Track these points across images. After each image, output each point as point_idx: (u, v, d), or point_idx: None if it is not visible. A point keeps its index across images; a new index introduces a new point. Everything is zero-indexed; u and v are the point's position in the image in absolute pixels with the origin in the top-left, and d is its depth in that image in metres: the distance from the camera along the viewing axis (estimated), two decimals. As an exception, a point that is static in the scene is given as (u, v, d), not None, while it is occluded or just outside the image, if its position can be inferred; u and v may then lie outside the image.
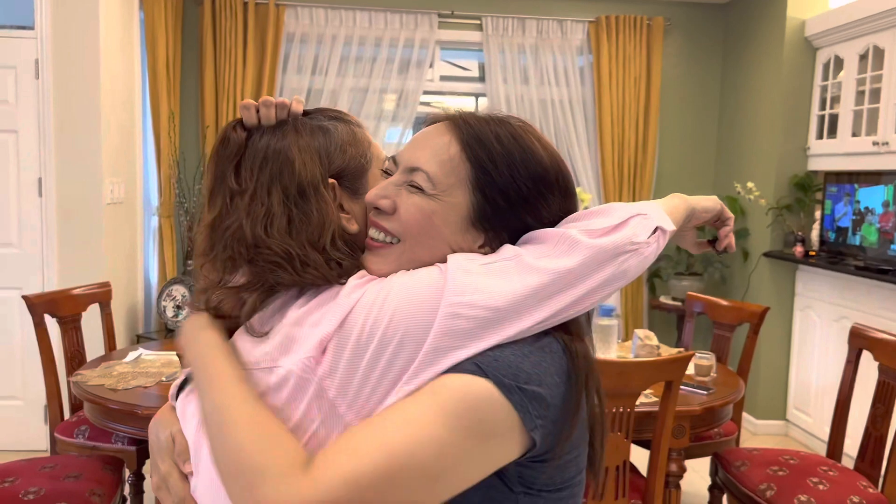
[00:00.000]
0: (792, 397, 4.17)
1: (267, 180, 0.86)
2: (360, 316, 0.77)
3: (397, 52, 4.48)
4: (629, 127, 4.59)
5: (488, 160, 0.87)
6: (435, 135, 0.89)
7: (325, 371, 0.77)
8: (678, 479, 2.34)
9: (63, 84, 3.50)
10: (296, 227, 0.85)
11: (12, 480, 2.17)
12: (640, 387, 2.12)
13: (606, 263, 0.82)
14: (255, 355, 0.82)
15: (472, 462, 0.76)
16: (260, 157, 0.87)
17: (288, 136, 0.89)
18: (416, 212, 0.86)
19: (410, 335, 0.76)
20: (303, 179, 0.86)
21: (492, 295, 0.77)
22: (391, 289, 0.79)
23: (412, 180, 0.87)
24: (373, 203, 0.90)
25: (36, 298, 2.73)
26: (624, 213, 0.87)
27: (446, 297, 0.76)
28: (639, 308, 4.73)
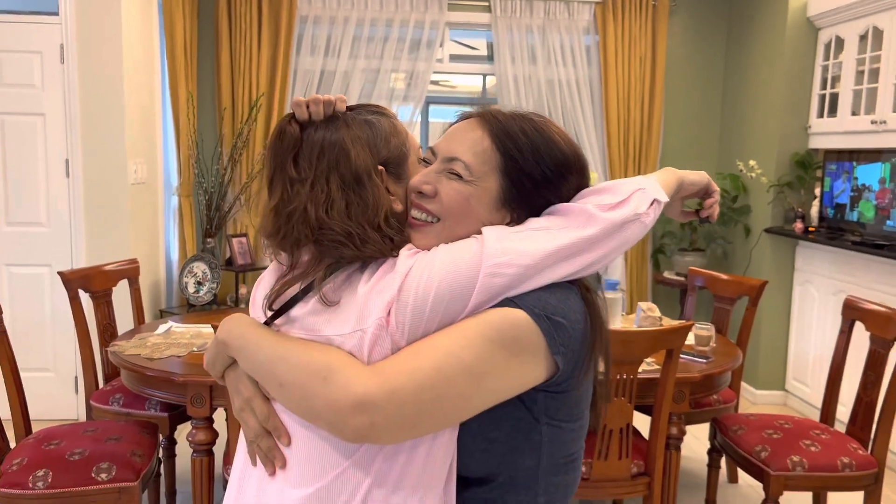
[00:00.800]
0: (791, 368, 4.31)
1: (325, 169, 0.98)
2: (413, 281, 0.93)
3: (408, 34, 4.58)
4: (635, 106, 4.69)
5: (516, 150, 1.03)
6: (468, 129, 1.05)
7: (393, 328, 0.92)
8: (678, 442, 2.49)
9: (87, 68, 3.63)
10: (354, 209, 0.97)
11: (58, 443, 2.34)
12: (643, 354, 2.27)
13: (616, 233, 1.00)
14: (335, 324, 0.95)
15: (507, 372, 0.93)
16: (317, 149, 0.99)
17: (340, 129, 1.01)
18: (455, 195, 1.02)
19: (458, 294, 0.92)
20: (358, 167, 0.99)
21: (523, 254, 0.94)
22: (436, 257, 0.95)
23: (451, 168, 1.03)
24: (417, 188, 1.04)
25: (70, 274, 2.89)
26: (627, 188, 1.05)
27: (485, 261, 0.93)
28: (643, 283, 4.87)
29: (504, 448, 0.99)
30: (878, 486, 2.50)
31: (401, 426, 0.89)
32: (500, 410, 0.97)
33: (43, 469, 2.20)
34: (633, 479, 2.39)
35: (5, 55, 3.60)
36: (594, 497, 2.41)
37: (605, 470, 2.34)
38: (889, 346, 2.52)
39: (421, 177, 1.05)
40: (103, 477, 2.22)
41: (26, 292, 3.75)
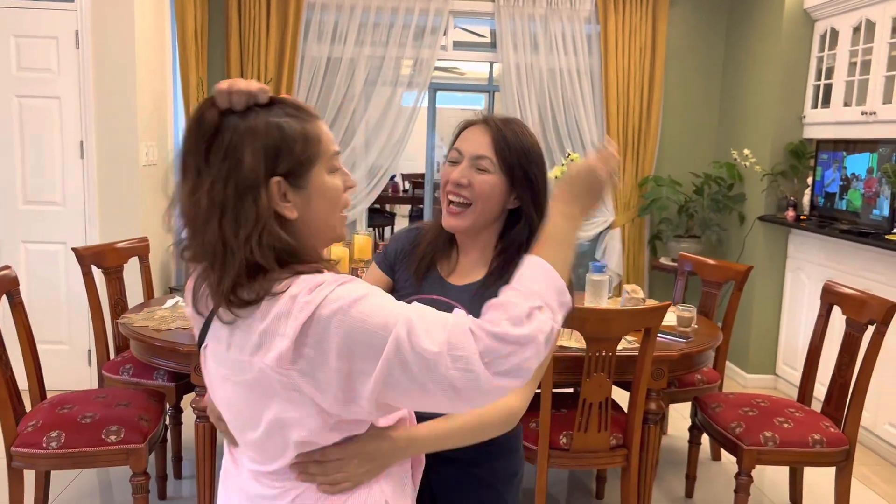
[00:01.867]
0: (781, 353, 4.42)
1: (226, 172, 0.97)
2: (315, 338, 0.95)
3: (412, 21, 4.68)
4: (634, 95, 4.78)
5: (509, 153, 1.40)
6: (480, 134, 1.42)
7: (296, 378, 0.96)
8: (657, 417, 2.61)
9: (101, 54, 3.77)
10: (228, 221, 0.97)
11: (70, 407, 2.49)
12: (621, 332, 2.39)
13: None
14: (235, 349, 1.01)
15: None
16: (223, 148, 0.98)
17: (246, 133, 0.99)
18: (485, 184, 1.39)
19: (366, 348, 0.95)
20: (247, 178, 0.98)
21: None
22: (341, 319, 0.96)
23: (479, 165, 1.39)
24: (456, 181, 1.39)
25: (84, 251, 3.04)
26: (522, 310, 0.98)
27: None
28: (640, 268, 4.98)
29: None
30: (849, 462, 2.61)
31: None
32: None
33: (56, 431, 2.36)
34: (611, 451, 2.52)
35: (23, 41, 3.75)
36: (574, 467, 2.55)
37: (585, 442, 2.47)
38: (863, 329, 2.63)
39: (458, 172, 1.40)
40: (112, 439, 2.37)
41: (42, 268, 3.92)
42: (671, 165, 4.93)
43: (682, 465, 3.27)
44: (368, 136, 4.84)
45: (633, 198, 4.88)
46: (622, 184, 4.84)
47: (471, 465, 1.37)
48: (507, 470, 1.44)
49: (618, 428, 2.55)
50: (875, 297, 2.60)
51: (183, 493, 3.02)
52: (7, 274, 2.52)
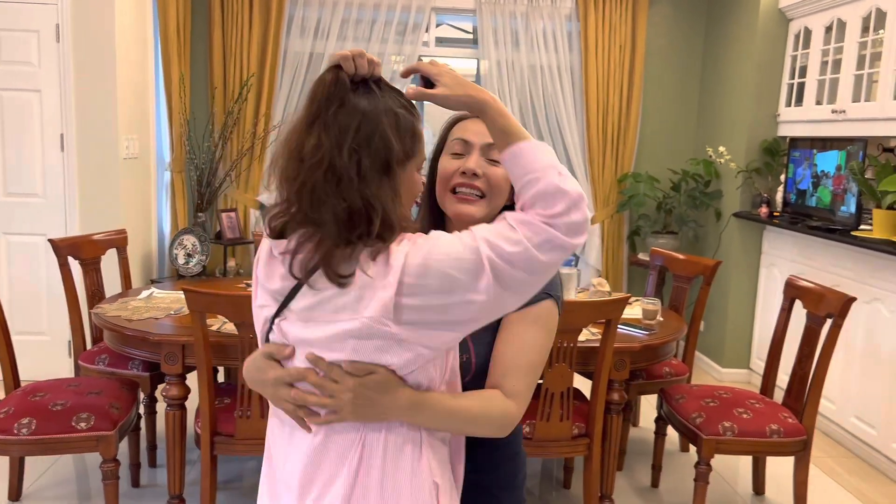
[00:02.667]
0: (755, 347, 4.48)
1: (362, 141, 1.02)
2: (414, 268, 1.02)
3: (395, 17, 4.73)
4: (614, 93, 4.83)
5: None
6: (482, 125, 1.33)
7: (398, 328, 1.02)
8: (619, 407, 2.67)
9: (82, 47, 3.81)
10: (384, 191, 1.03)
11: (42, 395, 2.54)
12: (582, 323, 2.45)
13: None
14: (330, 310, 1.04)
15: (550, 347, 1.31)
16: (358, 117, 1.02)
17: (381, 114, 1.04)
18: (499, 177, 1.35)
19: (465, 271, 1.02)
20: (391, 153, 1.04)
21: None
22: (434, 244, 1.05)
23: (491, 156, 1.35)
24: (472, 170, 1.34)
25: (60, 242, 3.08)
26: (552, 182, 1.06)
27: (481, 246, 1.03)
28: (619, 264, 5.03)
29: None
30: (807, 452, 2.67)
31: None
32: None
33: (28, 417, 2.40)
34: (573, 440, 2.57)
35: (4, 34, 3.78)
36: (537, 455, 2.60)
37: (547, 430, 2.52)
38: (821, 322, 2.68)
39: (473, 164, 1.34)
40: (82, 426, 2.42)
41: (23, 260, 3.96)
42: (650, 162, 4.98)
43: (650, 455, 3.32)
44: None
45: (612, 194, 4.93)
46: (601, 180, 4.90)
47: (472, 471, 1.35)
48: (507, 474, 1.45)
49: (580, 417, 2.60)
50: (833, 290, 2.66)
51: (157, 481, 3.06)
52: (-19, 264, 2.55)
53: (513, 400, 1.22)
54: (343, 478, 1.08)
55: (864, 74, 3.61)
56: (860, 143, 3.53)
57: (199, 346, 2.35)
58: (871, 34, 3.56)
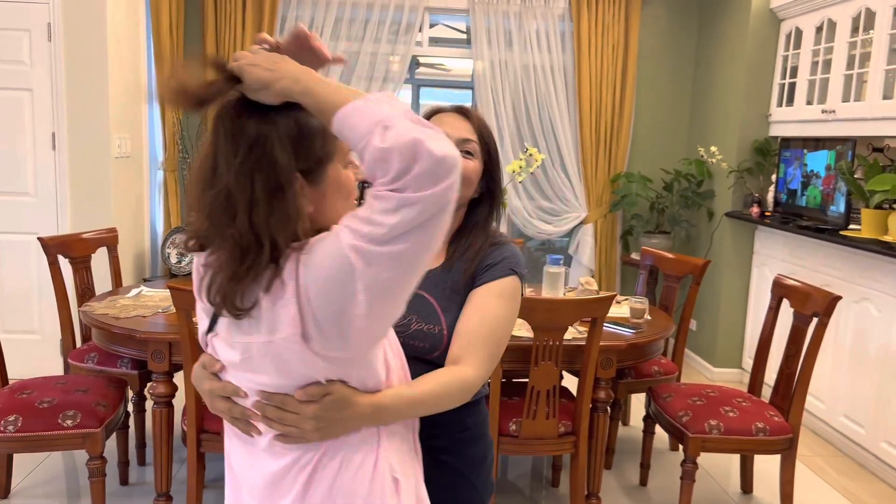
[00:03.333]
0: (748, 347, 4.49)
1: (252, 164, 0.99)
2: (304, 289, 0.99)
3: (388, 17, 4.73)
4: (607, 92, 4.84)
5: (489, 139, 1.46)
6: (461, 120, 1.44)
7: (309, 338, 0.99)
8: (606, 405, 2.68)
9: (73, 46, 3.81)
10: (275, 217, 0.98)
11: (29, 392, 2.54)
12: (567, 321, 2.45)
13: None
14: (245, 332, 1.04)
15: (515, 319, 1.40)
16: (250, 139, 0.99)
17: (270, 126, 1.00)
18: (472, 170, 1.41)
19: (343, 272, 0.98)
20: (281, 174, 0.99)
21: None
22: (315, 256, 1.00)
23: (466, 148, 1.40)
24: None
25: (50, 240, 3.08)
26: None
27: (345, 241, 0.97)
28: (612, 263, 5.04)
29: None
30: (793, 450, 2.68)
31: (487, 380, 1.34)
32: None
33: (14, 415, 2.41)
34: (560, 438, 2.58)
35: (-4, 32, 3.79)
36: (523, 453, 2.61)
37: (534, 428, 2.53)
38: (808, 321, 2.69)
39: None
40: (69, 423, 2.42)
41: (14, 259, 3.96)
42: (643, 162, 4.99)
43: (640, 454, 3.32)
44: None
45: (605, 194, 4.94)
46: (594, 180, 4.91)
47: (441, 452, 1.39)
48: (475, 456, 1.47)
49: (567, 416, 2.61)
50: (818, 289, 2.67)
51: (146, 478, 3.07)
52: (-32, 261, 2.56)
53: (471, 368, 1.26)
54: (299, 486, 1.08)
55: (853, 74, 3.61)
56: (850, 143, 3.53)
57: (185, 344, 2.35)
58: (860, 34, 3.57)
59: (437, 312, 1.35)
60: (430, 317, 1.35)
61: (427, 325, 1.35)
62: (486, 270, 1.37)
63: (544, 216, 5.01)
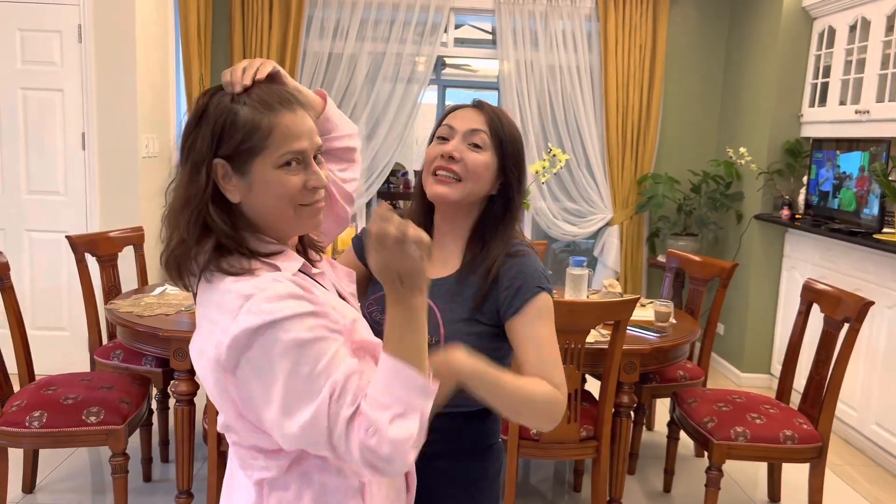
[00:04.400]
0: (777, 352, 4.40)
1: (186, 154, 1.07)
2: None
3: (413, 17, 4.73)
4: (633, 93, 4.78)
5: (504, 133, 1.39)
6: (474, 114, 1.39)
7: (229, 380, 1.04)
8: (629, 410, 2.63)
9: (103, 47, 3.86)
10: (179, 202, 1.06)
11: (55, 389, 2.58)
12: (590, 324, 2.42)
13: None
14: (195, 339, 1.09)
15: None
16: (193, 138, 1.07)
17: (204, 120, 1.05)
18: (478, 161, 1.35)
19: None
20: (196, 157, 1.04)
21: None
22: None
23: (473, 140, 1.36)
24: (449, 153, 1.35)
25: (77, 239, 3.13)
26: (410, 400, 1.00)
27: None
28: (638, 266, 4.98)
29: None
30: (822, 459, 2.61)
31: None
32: (503, 350, 1.38)
33: (39, 411, 2.44)
34: (581, 443, 2.55)
35: (28, 34, 3.85)
36: (544, 457, 2.58)
37: (555, 432, 2.49)
38: (839, 327, 2.62)
39: (450, 146, 1.36)
40: (92, 420, 2.45)
41: (45, 256, 4.03)
42: (670, 163, 4.92)
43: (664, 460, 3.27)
44: (368, 131, 4.90)
45: (631, 195, 4.88)
46: (620, 181, 4.85)
47: (454, 457, 1.36)
48: (485, 466, 1.43)
49: (589, 420, 2.57)
50: (850, 294, 2.60)
51: (169, 476, 3.09)
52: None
53: (557, 389, 1.27)
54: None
55: (888, 74, 3.52)
56: (884, 144, 3.45)
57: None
58: (895, 33, 3.48)
59: (438, 323, 1.32)
60: (429, 327, 1.29)
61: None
62: (515, 296, 1.31)
63: (569, 218, 4.97)
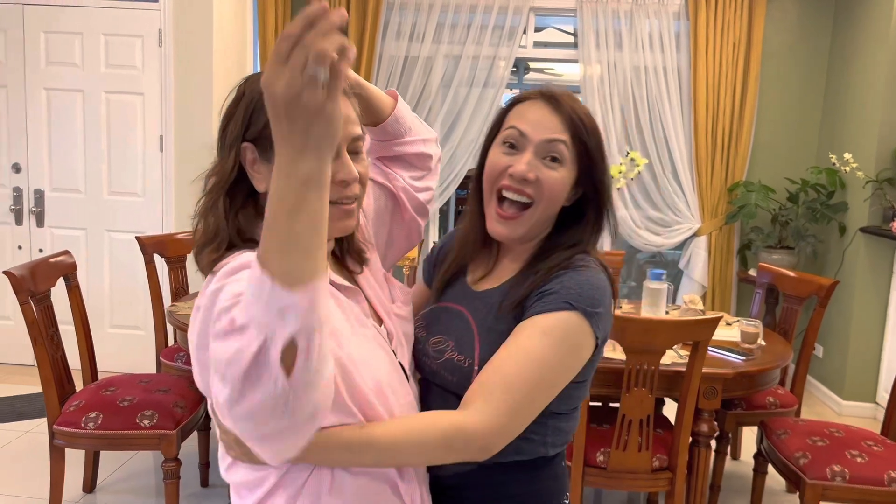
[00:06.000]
0: (884, 379, 3.99)
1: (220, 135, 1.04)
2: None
3: (491, 19, 4.59)
4: (725, 95, 4.48)
5: (586, 134, 1.13)
6: (549, 114, 1.12)
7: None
8: (708, 440, 2.40)
9: (182, 51, 3.91)
10: (218, 170, 1.01)
11: (113, 390, 2.57)
12: (664, 345, 2.20)
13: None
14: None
15: (572, 369, 1.08)
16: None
17: (240, 102, 0.99)
18: (557, 182, 1.12)
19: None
20: (229, 139, 0.99)
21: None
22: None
23: (552, 152, 1.11)
24: (522, 175, 1.11)
25: (146, 240, 3.14)
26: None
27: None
28: (727, 280, 4.65)
29: None
30: (935, 507, 2.29)
31: (511, 438, 1.03)
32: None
33: (95, 412, 2.43)
34: (654, 473, 2.32)
35: (112, 39, 3.94)
36: (611, 487, 2.37)
37: (624, 461, 2.29)
38: (958, 356, 2.30)
39: (525, 165, 1.11)
40: (146, 423, 2.42)
41: (123, 256, 4.11)
42: (765, 170, 4.58)
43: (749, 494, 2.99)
44: (442, 136, 4.78)
45: (721, 204, 4.56)
46: (709, 189, 4.54)
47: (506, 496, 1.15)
48: (547, 497, 1.19)
49: (662, 448, 2.35)
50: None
51: (228, 481, 3.05)
52: (64, 259, 2.62)
53: (477, 416, 0.99)
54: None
55: None
56: None
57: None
58: None
59: (474, 341, 1.14)
60: (465, 346, 1.14)
61: (458, 356, 1.13)
62: (540, 299, 1.08)
63: (652, 227, 4.70)
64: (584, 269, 1.12)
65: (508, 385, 1.01)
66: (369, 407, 0.97)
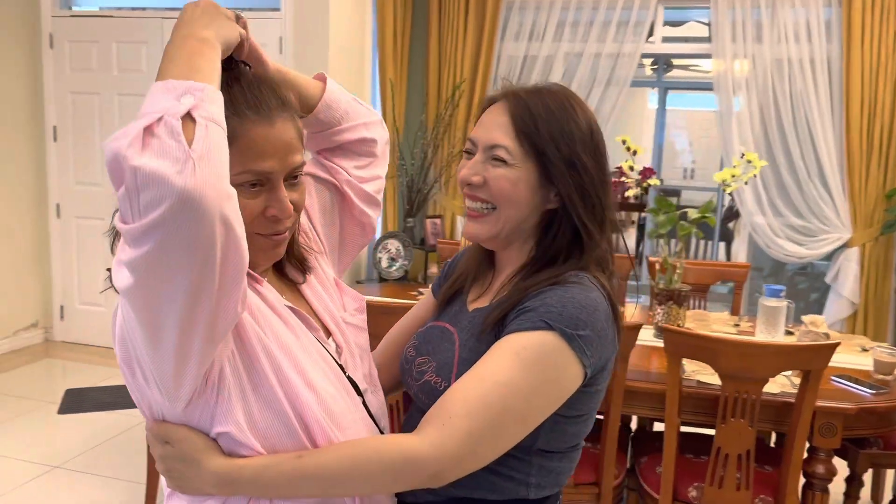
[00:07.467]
0: None
1: None
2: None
3: (615, 15, 4.35)
4: (885, 88, 3.96)
5: (535, 132, 1.03)
6: (498, 115, 1.06)
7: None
8: (825, 483, 2.08)
9: (300, 58, 4.02)
10: None
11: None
12: (766, 372, 1.94)
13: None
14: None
15: (550, 398, 0.95)
16: None
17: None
18: (503, 181, 1.03)
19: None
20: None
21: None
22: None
23: (494, 155, 1.04)
24: (466, 180, 1.06)
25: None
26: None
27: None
28: (884, 298, 4.11)
29: None
30: None
31: (470, 468, 0.93)
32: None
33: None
34: (756, 516, 2.06)
35: (238, 47, 4.13)
36: (705, 527, 2.12)
37: (718, 498, 2.04)
38: None
39: (468, 169, 1.06)
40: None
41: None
42: (932, 174, 4.00)
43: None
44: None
45: (877, 212, 4.04)
46: (863, 195, 4.04)
47: None
48: None
49: (767, 489, 2.07)
50: None
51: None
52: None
53: (427, 440, 0.89)
54: None
55: None
56: None
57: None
58: None
59: (453, 364, 1.04)
60: (444, 368, 1.04)
61: (436, 378, 1.04)
62: (517, 316, 0.97)
63: (794, 235, 4.25)
64: (574, 285, 0.99)
65: (469, 409, 0.90)
66: (311, 425, 0.90)
